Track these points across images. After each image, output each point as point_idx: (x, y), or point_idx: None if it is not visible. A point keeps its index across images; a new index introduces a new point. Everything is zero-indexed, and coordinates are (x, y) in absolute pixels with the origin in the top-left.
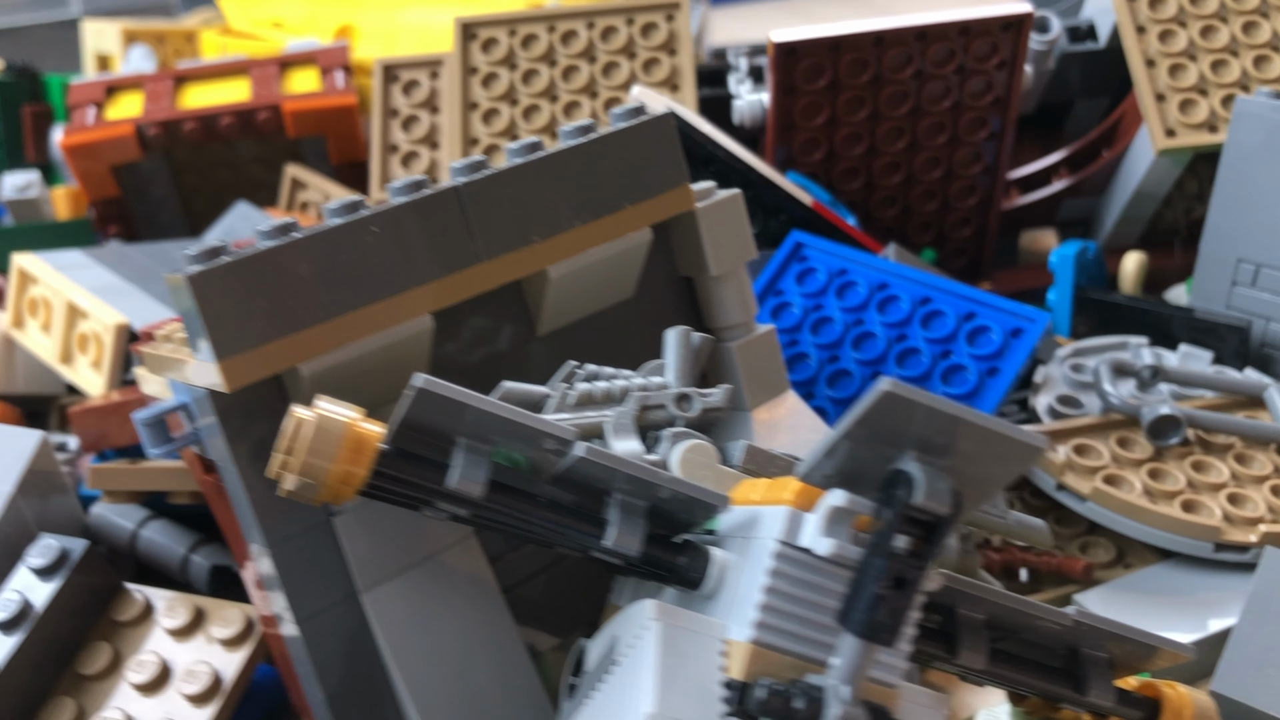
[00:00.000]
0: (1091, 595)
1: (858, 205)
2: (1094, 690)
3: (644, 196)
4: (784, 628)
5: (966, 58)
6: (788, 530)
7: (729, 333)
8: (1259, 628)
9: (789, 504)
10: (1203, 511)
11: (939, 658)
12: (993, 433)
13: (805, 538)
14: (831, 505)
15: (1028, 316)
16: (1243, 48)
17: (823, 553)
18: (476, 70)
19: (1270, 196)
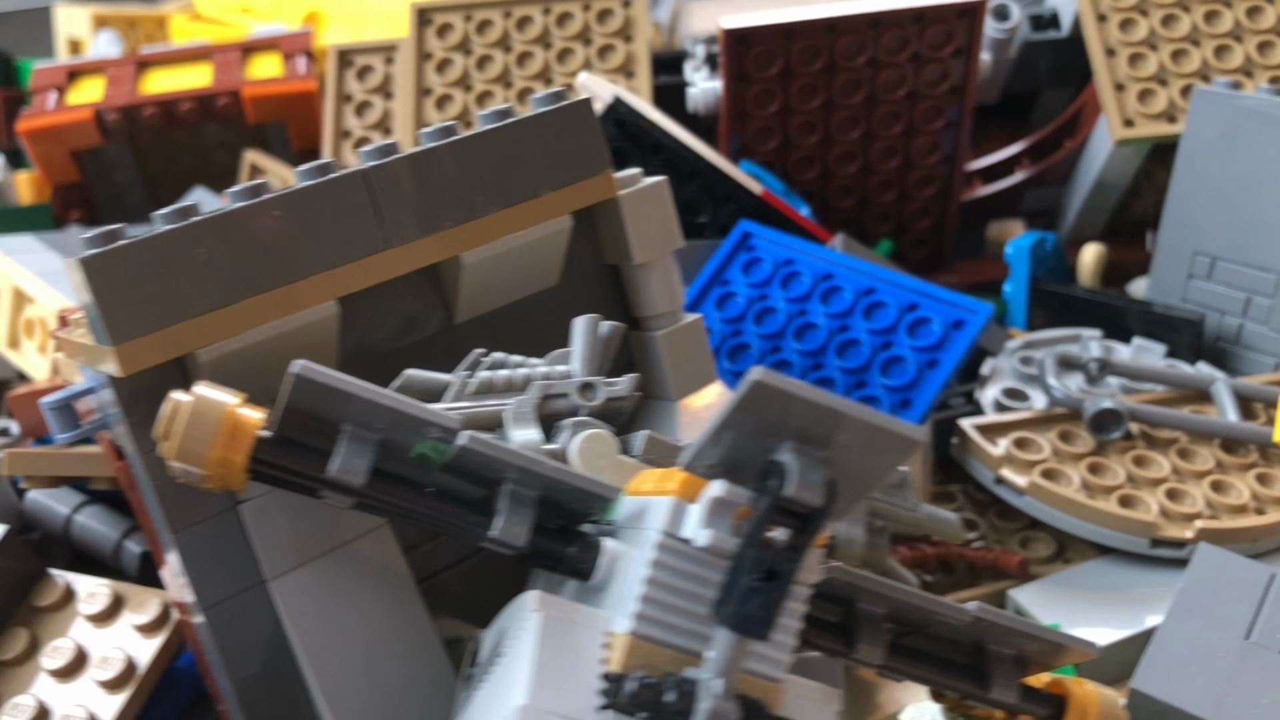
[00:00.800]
0: (1026, 590)
1: (814, 195)
2: (998, 687)
3: (563, 183)
4: (664, 620)
5: (921, 45)
6: (670, 521)
7: (655, 321)
8: (1185, 625)
9: (672, 494)
10: (1140, 507)
11: (836, 651)
12: (868, 424)
13: (687, 529)
14: (712, 496)
15: (969, 308)
16: (1204, 37)
17: (701, 544)
18: (431, 56)
19: (1226, 189)
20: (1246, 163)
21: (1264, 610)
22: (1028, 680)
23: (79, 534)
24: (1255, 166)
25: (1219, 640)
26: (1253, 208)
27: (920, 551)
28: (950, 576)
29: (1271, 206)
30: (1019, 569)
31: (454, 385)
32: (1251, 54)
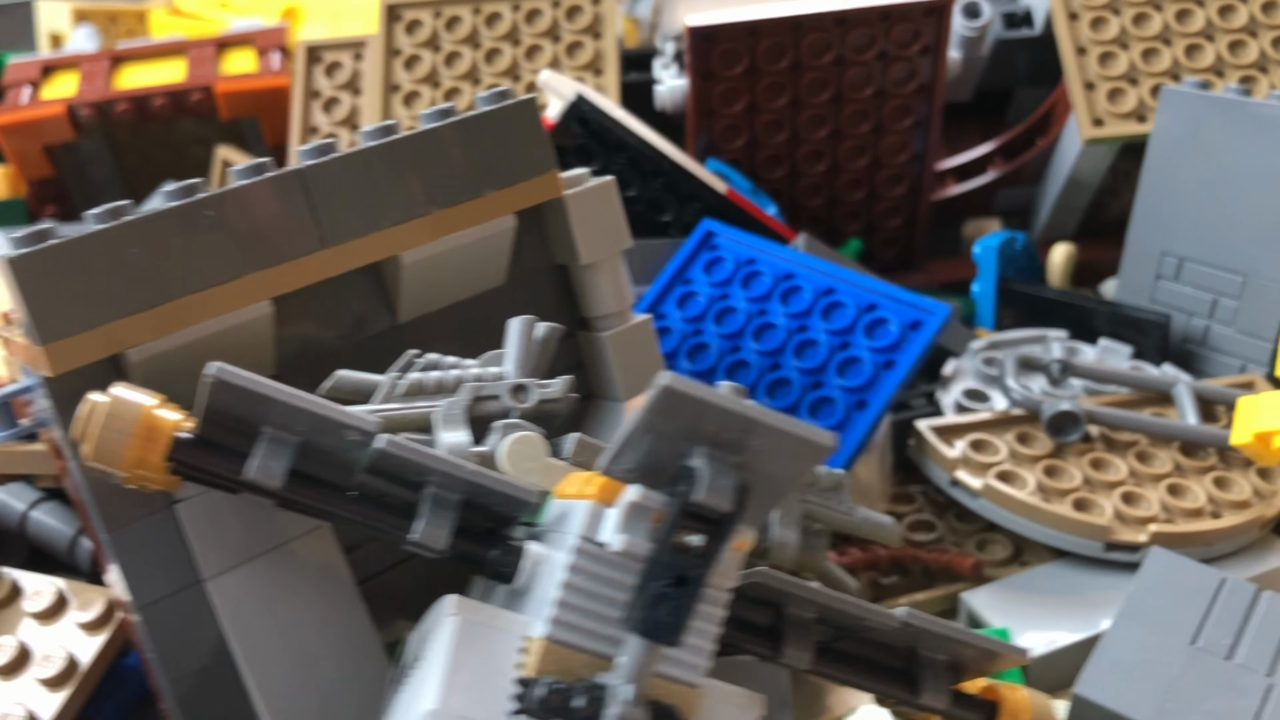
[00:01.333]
0: (979, 593)
1: (783, 193)
2: (928, 692)
3: (506, 183)
4: (580, 624)
5: (888, 44)
6: (587, 525)
7: (602, 322)
8: (1131, 629)
9: (591, 498)
10: (1094, 510)
11: (764, 654)
12: (779, 430)
13: (604, 533)
14: (628, 501)
15: (927, 309)
16: (1175, 36)
17: (615, 549)
18: (400, 52)
19: (1194, 189)
20: (1214, 163)
21: (1212, 615)
22: (964, 685)
23: (35, 530)
24: (1222, 167)
25: (1165, 645)
26: (1220, 208)
27: (873, 553)
28: (905, 579)
29: (1238, 207)
30: (972, 571)
31: (383, 387)
32: (1223, 53)
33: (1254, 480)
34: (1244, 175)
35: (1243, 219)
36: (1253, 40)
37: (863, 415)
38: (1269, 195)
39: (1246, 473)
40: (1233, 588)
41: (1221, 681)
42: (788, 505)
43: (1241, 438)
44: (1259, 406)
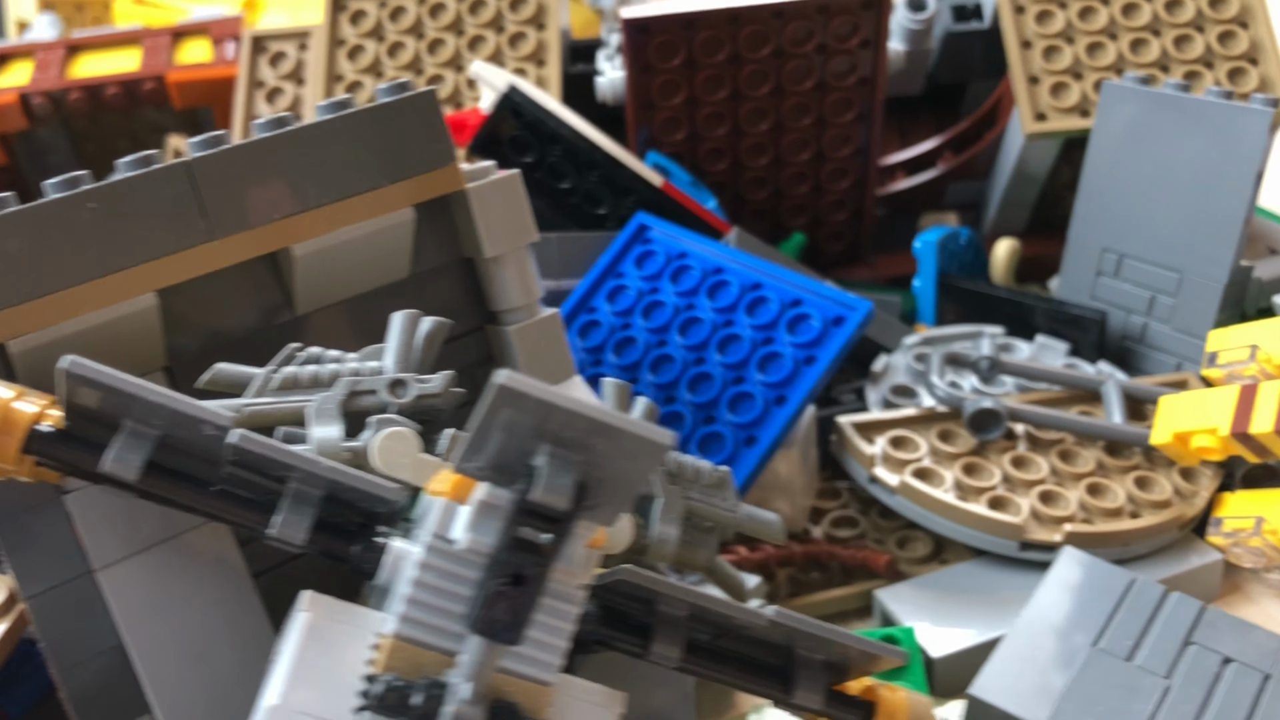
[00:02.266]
0: (892, 590)
1: (726, 187)
2: (801, 690)
3: (404, 175)
4: (428, 621)
5: (827, 36)
6: (440, 522)
7: (508, 316)
8: (1034, 629)
9: (445, 496)
10: (1010, 509)
11: (632, 650)
12: (613, 427)
13: (455, 530)
14: (477, 498)
15: (850, 305)
16: (1121, 30)
17: (460, 546)
18: (344, 42)
19: (1133, 184)
20: (1153, 158)
21: (1118, 616)
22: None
23: None
24: (1161, 162)
25: (1066, 646)
26: (1158, 204)
27: (788, 550)
28: (824, 575)
29: (1175, 203)
30: (886, 569)
31: (258, 380)
32: (1168, 48)
33: (1176, 480)
34: (1181, 171)
35: (1180, 215)
36: (1198, 35)
37: (781, 410)
38: (1205, 192)
39: (1170, 472)
40: (1141, 589)
41: (1119, 683)
42: (669, 502)
43: (1161, 437)
44: (1179, 406)
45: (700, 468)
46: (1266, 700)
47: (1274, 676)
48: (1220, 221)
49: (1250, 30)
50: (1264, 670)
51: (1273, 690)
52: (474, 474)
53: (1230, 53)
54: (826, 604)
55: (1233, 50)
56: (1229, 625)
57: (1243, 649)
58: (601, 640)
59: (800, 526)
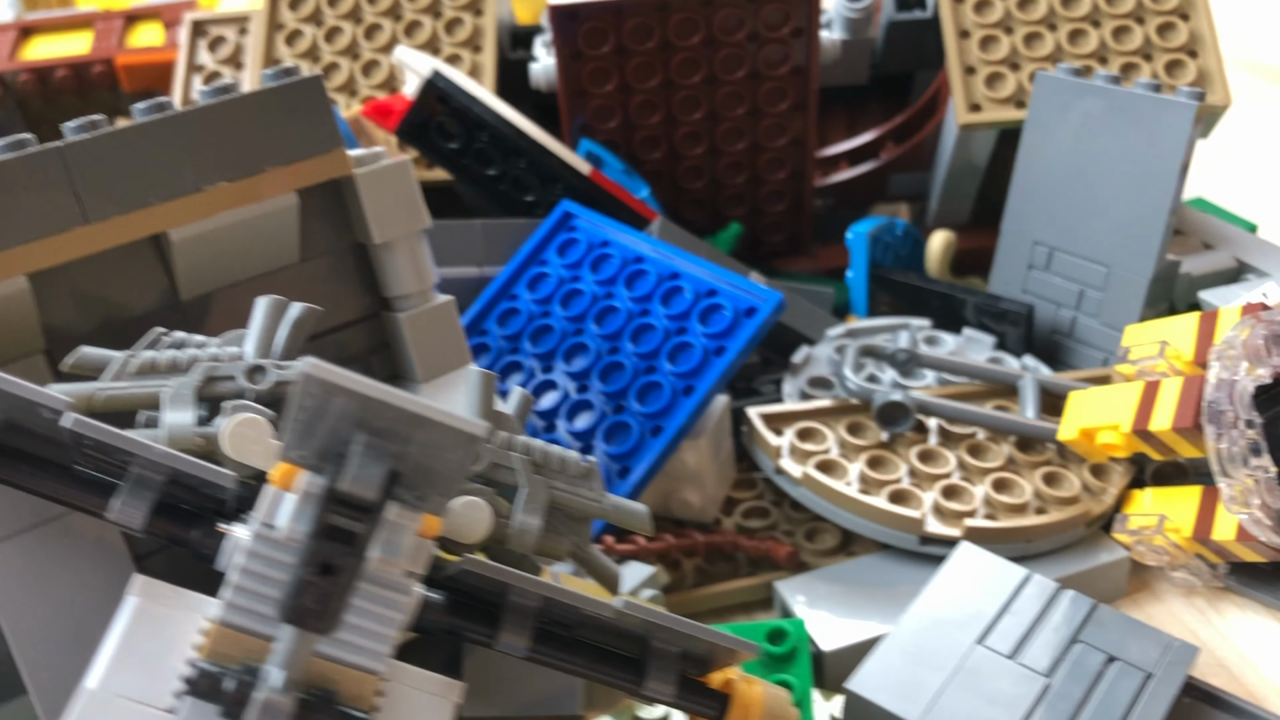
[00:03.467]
0: (792, 582)
1: (663, 176)
2: (652, 681)
3: (288, 160)
4: (252, 608)
5: (757, 25)
6: (268, 510)
7: (400, 302)
8: (920, 625)
9: (274, 484)
10: (912, 503)
11: (480, 638)
12: (421, 417)
13: (281, 518)
14: (300, 487)
15: (761, 296)
16: (1060, 21)
17: (280, 535)
18: (283, 27)
19: (1064, 177)
20: (1084, 151)
21: (1007, 613)
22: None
23: None
24: (1091, 155)
25: (950, 642)
26: (1088, 198)
27: (691, 539)
28: (730, 565)
29: (1104, 197)
30: (787, 560)
31: (115, 364)
32: (1106, 39)
33: (1087, 477)
34: (1110, 164)
35: (1108, 209)
36: (1138, 27)
37: (687, 401)
38: (1133, 186)
39: (1081, 469)
40: (1035, 585)
41: (998, 681)
42: (532, 492)
43: (1068, 433)
44: (1087, 402)
45: (567, 458)
46: (1145, 699)
47: (1156, 676)
48: (1146, 215)
49: (1190, 23)
50: (1147, 670)
51: (1153, 689)
52: (299, 462)
53: (1169, 45)
54: (729, 594)
55: (1172, 42)
56: (1119, 624)
57: (1129, 648)
58: (449, 630)
59: (711, 517)
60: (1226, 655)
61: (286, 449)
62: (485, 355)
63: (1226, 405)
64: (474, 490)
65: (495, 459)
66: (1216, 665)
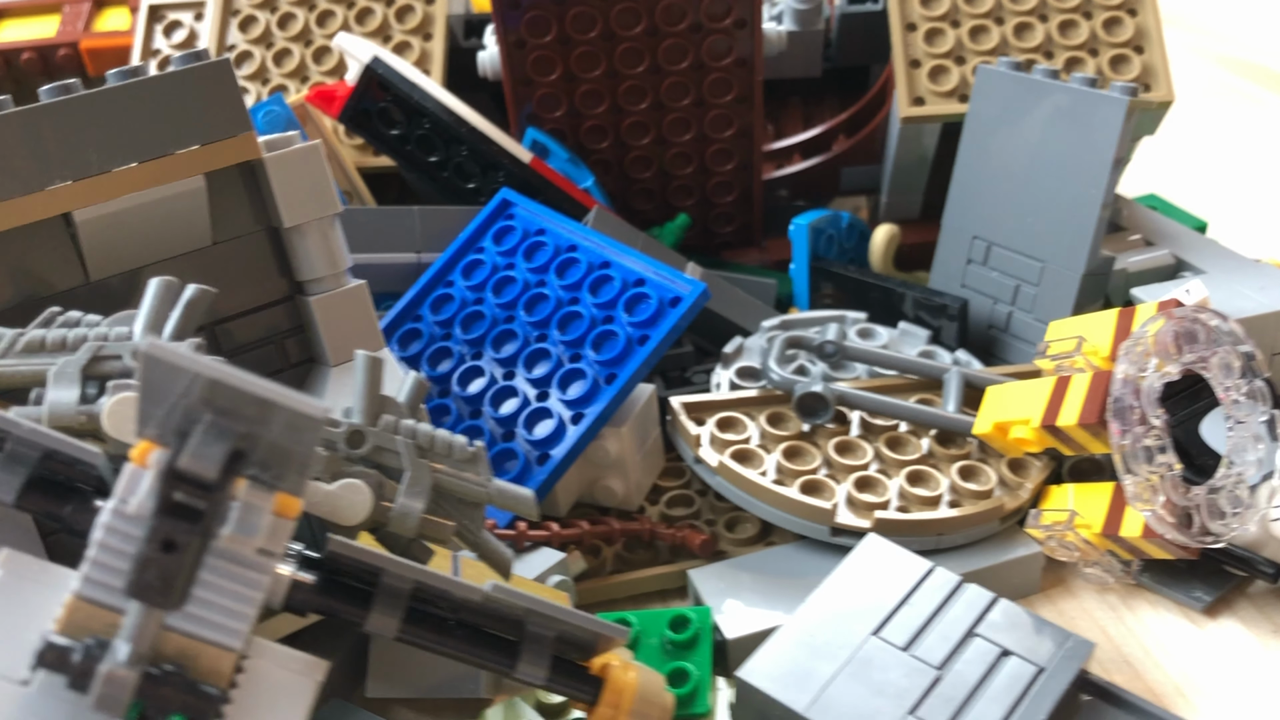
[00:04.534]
0: (705, 570)
1: (612, 165)
2: (524, 664)
3: (195, 143)
4: (106, 582)
5: (700, 16)
6: (127, 486)
7: (312, 286)
8: (817, 615)
9: (133, 461)
10: (824, 494)
11: (351, 619)
12: (259, 398)
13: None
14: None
15: (686, 286)
16: (1008, 14)
17: (130, 511)
18: (238, 12)
19: (1003, 172)
20: (1021, 145)
21: (906, 605)
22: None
23: None
24: (1028, 149)
25: (845, 633)
26: (1025, 193)
27: (607, 526)
28: (651, 553)
29: (1040, 193)
30: (701, 549)
31: (3, 342)
32: (1053, 33)
33: (1004, 471)
34: (1046, 159)
35: (1044, 204)
36: (1085, 21)
37: (608, 389)
38: (1067, 181)
39: (999, 464)
40: (937, 578)
41: (889, 673)
42: (415, 476)
43: (982, 427)
44: (1002, 397)
45: (453, 443)
46: (1034, 693)
47: (1048, 671)
48: (1078, 210)
49: (1138, 18)
50: (1040, 664)
51: (1043, 684)
52: (154, 439)
53: (1115, 40)
54: (646, 581)
55: (1118, 37)
56: (1017, 619)
57: (1024, 643)
58: (320, 610)
59: (636, 505)
60: (1132, 652)
61: (140, 426)
62: (417, 341)
63: (1131, 402)
64: (358, 473)
65: (380, 442)
66: (1122, 661)
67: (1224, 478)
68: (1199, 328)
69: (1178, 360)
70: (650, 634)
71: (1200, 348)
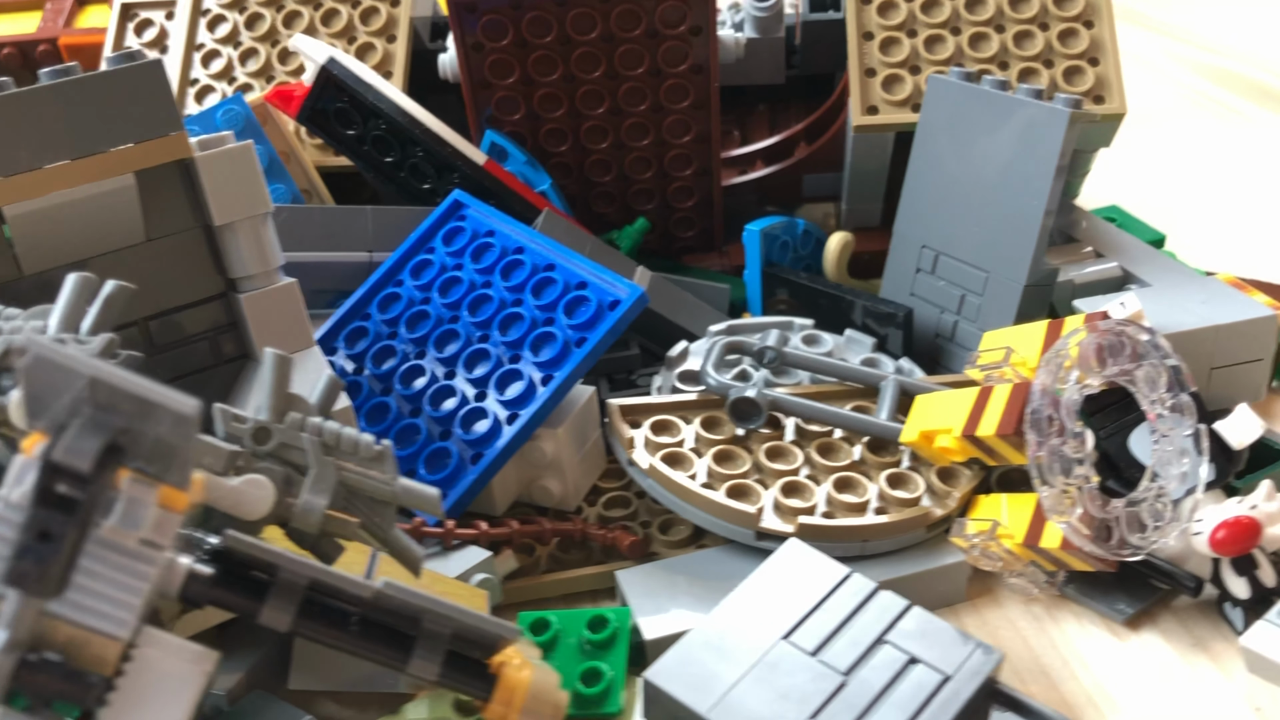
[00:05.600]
0: (631, 572)
1: (572, 169)
2: (417, 661)
3: (125, 141)
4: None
5: (655, 22)
6: (14, 477)
7: (243, 283)
8: (729, 618)
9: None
10: (750, 498)
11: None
12: (132, 395)
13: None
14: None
15: (624, 289)
16: (965, 25)
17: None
18: (208, 12)
19: (951, 182)
20: (969, 156)
21: (819, 611)
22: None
23: None
24: (975, 160)
25: (755, 636)
26: (971, 203)
27: (538, 526)
28: (585, 553)
29: (986, 202)
30: (630, 550)
31: None
32: (1008, 43)
33: (933, 480)
34: (992, 169)
35: (989, 215)
36: (1041, 33)
37: (543, 390)
38: (1012, 192)
39: (929, 472)
40: (853, 584)
41: (794, 678)
42: (319, 472)
43: (909, 435)
44: (929, 406)
45: (359, 441)
46: (938, 701)
47: (954, 679)
48: (1022, 220)
49: (1094, 30)
50: (946, 672)
51: (947, 692)
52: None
53: (1070, 51)
54: (578, 581)
55: (1073, 49)
56: (929, 627)
57: (933, 651)
58: (214, 603)
59: (573, 506)
60: (1051, 663)
61: (29, 419)
62: (364, 339)
63: (1049, 413)
64: (264, 469)
65: (287, 439)
66: (1039, 672)
67: (1145, 491)
68: (1124, 341)
69: (1100, 373)
70: (569, 634)
71: (1125, 361)
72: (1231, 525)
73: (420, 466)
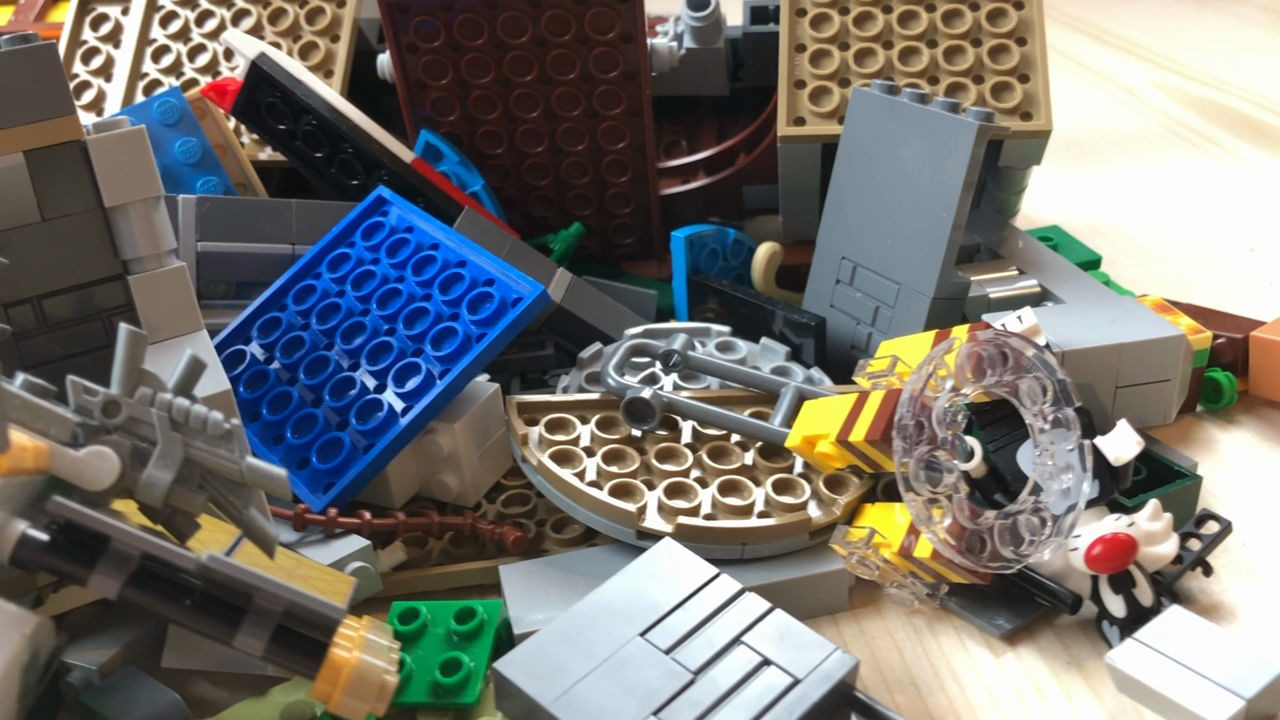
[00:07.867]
0: (514, 567)
1: (509, 172)
2: (242, 635)
3: (15, 122)
4: None
5: (585, 28)
6: None
7: (133, 265)
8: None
9: None
10: (633, 497)
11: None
12: None
13: None
14: None
15: (527, 287)
16: (896, 39)
17: None
18: (162, 8)
19: (869, 194)
20: (886, 168)
21: (681, 610)
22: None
23: None
24: (891, 172)
25: (611, 632)
26: (886, 215)
27: (426, 519)
28: (478, 548)
29: (900, 215)
30: (514, 546)
31: None
32: (939, 58)
33: (820, 487)
34: (906, 182)
35: (902, 227)
36: (973, 48)
37: (440, 383)
38: (923, 204)
39: (819, 479)
40: (719, 585)
41: (643, 675)
42: (165, 448)
43: (793, 440)
44: (813, 411)
45: (208, 419)
46: (784, 704)
47: (804, 682)
48: (931, 234)
49: (1026, 47)
50: (796, 675)
51: (797, 694)
52: None
53: (1000, 67)
54: (465, 575)
55: (1003, 65)
56: (787, 630)
57: (787, 654)
58: (45, 567)
59: (472, 501)
60: (922, 675)
61: None
62: (277, 329)
63: (917, 420)
64: (112, 442)
65: (135, 414)
66: (908, 683)
67: (1022, 504)
68: (1006, 353)
69: (977, 384)
70: (438, 624)
71: (1004, 372)
72: (1108, 542)
73: (313, 455)
